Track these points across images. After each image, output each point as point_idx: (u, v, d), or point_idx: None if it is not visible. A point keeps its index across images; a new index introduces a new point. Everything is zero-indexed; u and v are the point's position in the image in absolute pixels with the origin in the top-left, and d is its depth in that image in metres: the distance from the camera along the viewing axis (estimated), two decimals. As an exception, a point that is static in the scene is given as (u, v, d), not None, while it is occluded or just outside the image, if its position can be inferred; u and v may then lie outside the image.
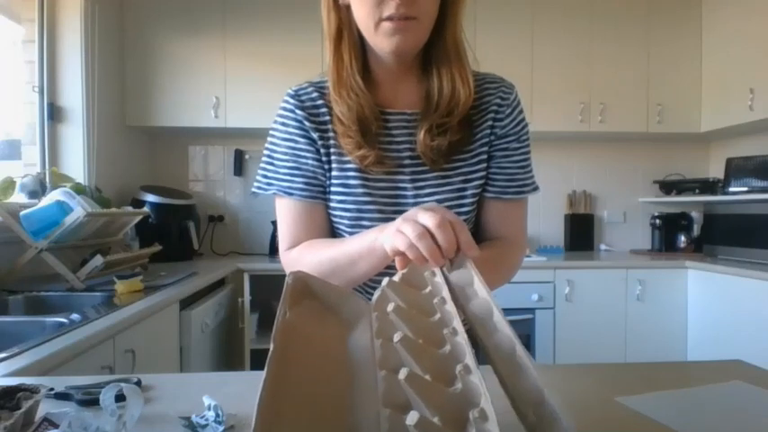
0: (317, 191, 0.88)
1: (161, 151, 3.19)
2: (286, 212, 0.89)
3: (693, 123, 3.12)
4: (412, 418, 0.39)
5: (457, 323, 0.51)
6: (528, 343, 2.75)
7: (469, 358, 0.45)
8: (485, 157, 0.89)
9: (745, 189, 2.77)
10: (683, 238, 3.21)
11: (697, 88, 3.12)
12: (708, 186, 3.12)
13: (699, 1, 3.12)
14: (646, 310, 2.81)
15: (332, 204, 0.88)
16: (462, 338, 0.48)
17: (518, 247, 0.93)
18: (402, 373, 0.42)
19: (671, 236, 3.24)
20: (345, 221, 0.87)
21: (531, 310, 2.75)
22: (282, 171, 0.88)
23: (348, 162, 0.86)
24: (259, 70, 2.87)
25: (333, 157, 0.87)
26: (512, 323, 0.51)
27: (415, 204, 0.86)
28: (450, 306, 0.54)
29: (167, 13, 2.86)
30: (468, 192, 0.88)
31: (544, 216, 3.36)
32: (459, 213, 0.86)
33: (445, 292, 0.57)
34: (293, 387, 0.45)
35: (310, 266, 0.79)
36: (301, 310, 0.55)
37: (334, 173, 0.87)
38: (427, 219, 0.62)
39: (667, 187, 3.29)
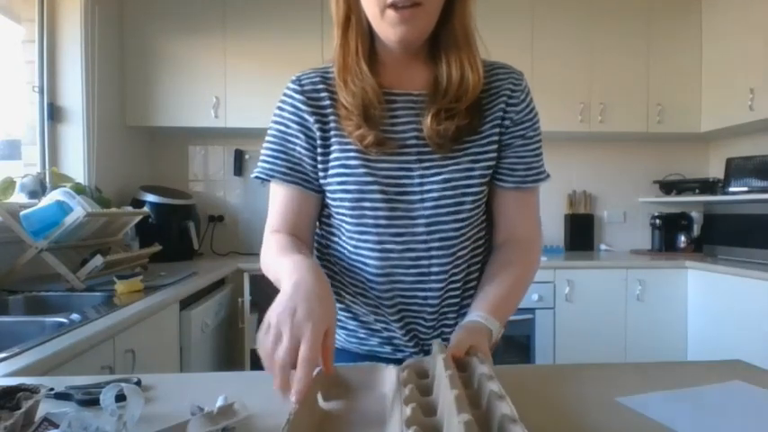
0: (299, 177, 0.88)
1: (161, 151, 3.19)
2: (271, 195, 0.92)
3: (693, 123, 3.12)
4: None
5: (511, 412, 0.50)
6: (528, 343, 2.75)
7: None
8: (495, 139, 0.88)
9: (745, 189, 2.77)
10: (683, 238, 3.21)
11: (697, 88, 3.12)
12: (708, 186, 3.12)
13: (699, 1, 3.12)
14: (646, 310, 2.81)
15: (332, 188, 0.87)
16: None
17: (536, 246, 0.95)
18: (462, 418, 0.43)
19: (671, 236, 3.24)
20: (347, 203, 0.86)
21: (531, 310, 2.74)
22: (267, 154, 0.89)
23: (349, 143, 0.85)
24: (259, 70, 2.87)
25: (333, 140, 0.86)
26: (512, 323, 0.51)
27: (420, 184, 0.85)
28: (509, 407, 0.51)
29: (167, 13, 2.86)
30: (476, 172, 0.86)
31: (544, 216, 3.30)
32: (466, 194, 0.86)
33: (497, 387, 0.55)
34: None
35: (264, 266, 0.86)
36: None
37: (334, 155, 0.86)
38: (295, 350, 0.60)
39: (667, 187, 3.29)
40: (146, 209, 2.54)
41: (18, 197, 2.08)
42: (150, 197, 2.71)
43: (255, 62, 2.88)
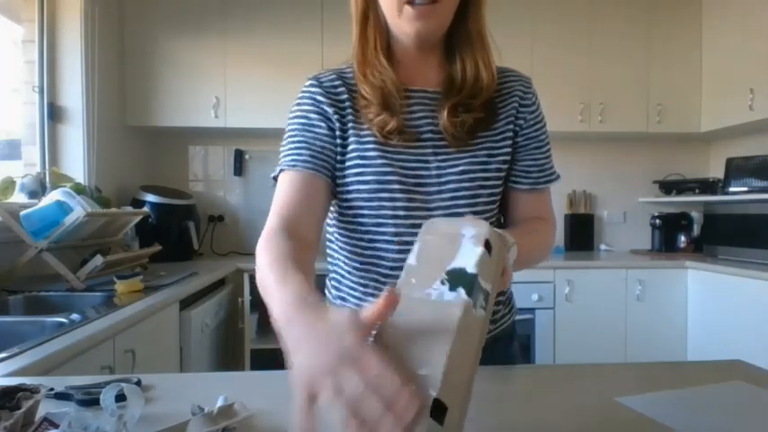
0: (321, 165, 0.84)
1: (161, 151, 3.19)
2: (282, 183, 0.84)
3: (693, 123, 3.12)
4: None
5: None
6: (528, 343, 2.75)
7: None
8: (510, 135, 0.90)
9: (745, 189, 2.76)
10: (683, 238, 3.21)
11: (697, 88, 3.12)
12: (708, 186, 3.11)
13: (699, 1, 3.12)
14: (646, 310, 2.80)
15: (349, 179, 0.86)
16: None
17: (550, 224, 0.97)
18: None
19: (671, 236, 3.24)
20: (364, 195, 0.86)
21: (531, 310, 2.74)
22: (289, 147, 0.86)
23: (367, 135, 0.86)
24: (259, 70, 2.87)
25: (350, 132, 0.87)
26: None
27: (438, 175, 0.85)
28: None
29: (167, 13, 2.86)
30: (492, 166, 0.88)
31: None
32: (483, 186, 0.87)
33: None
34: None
35: (259, 272, 0.67)
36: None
37: (351, 146, 0.86)
38: (351, 384, 0.41)
39: (667, 187, 3.29)
40: (146, 209, 2.53)
41: (18, 197, 2.08)
42: (150, 197, 2.71)
43: (255, 62, 2.88)
